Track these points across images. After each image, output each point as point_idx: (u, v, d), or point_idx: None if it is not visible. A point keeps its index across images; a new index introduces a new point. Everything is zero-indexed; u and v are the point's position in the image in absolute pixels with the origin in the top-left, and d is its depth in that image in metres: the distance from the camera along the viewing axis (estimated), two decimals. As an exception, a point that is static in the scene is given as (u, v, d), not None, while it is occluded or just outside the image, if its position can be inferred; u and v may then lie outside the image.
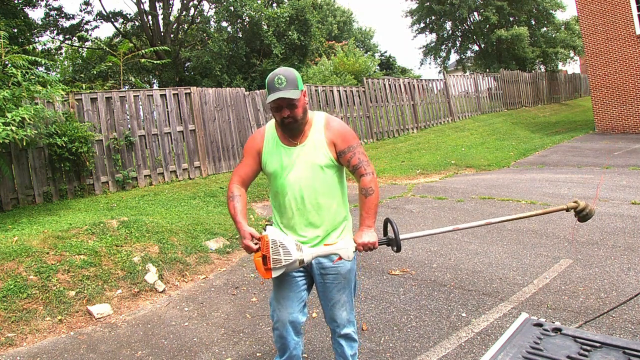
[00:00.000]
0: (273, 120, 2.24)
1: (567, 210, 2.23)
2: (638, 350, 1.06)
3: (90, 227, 4.82)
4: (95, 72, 14.48)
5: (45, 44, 14.30)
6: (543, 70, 24.15)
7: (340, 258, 2.06)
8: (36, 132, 6.32)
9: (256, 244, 2.00)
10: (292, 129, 2.11)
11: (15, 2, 15.41)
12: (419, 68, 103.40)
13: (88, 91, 8.31)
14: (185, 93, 9.05)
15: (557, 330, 1.20)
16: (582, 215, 2.21)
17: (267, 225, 2.10)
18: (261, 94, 10.96)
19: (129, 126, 8.34)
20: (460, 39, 26.65)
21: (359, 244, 2.04)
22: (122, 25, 20.46)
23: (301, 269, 2.22)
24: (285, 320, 2.21)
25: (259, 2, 18.05)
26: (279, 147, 2.17)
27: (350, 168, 2.17)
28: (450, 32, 26.67)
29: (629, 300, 3.09)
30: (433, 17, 25.67)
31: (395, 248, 2.07)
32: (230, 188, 2.21)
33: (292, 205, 2.15)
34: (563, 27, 24.19)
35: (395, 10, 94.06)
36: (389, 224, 2.12)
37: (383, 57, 30.70)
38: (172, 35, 19.47)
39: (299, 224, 2.16)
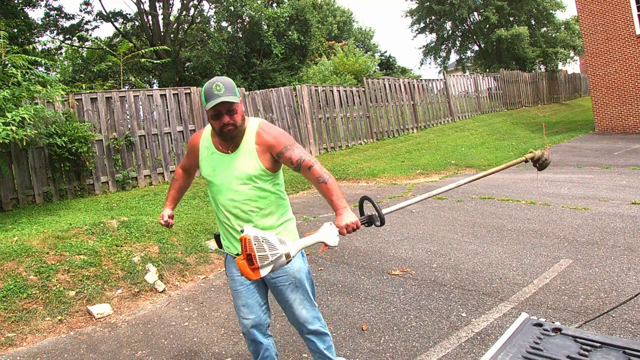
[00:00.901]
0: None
1: (526, 161, 2.37)
2: (638, 350, 1.06)
3: (90, 227, 4.82)
4: (95, 72, 14.47)
5: (45, 44, 14.29)
6: (543, 70, 24.15)
7: (326, 246, 1.98)
8: (36, 132, 6.32)
9: (237, 254, 1.93)
10: (232, 137, 2.09)
11: (15, 2, 15.39)
12: (419, 68, 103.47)
13: (88, 91, 8.31)
14: (185, 93, 9.05)
15: (557, 330, 1.20)
16: (540, 163, 2.35)
17: (243, 227, 1.99)
18: (261, 94, 10.96)
19: (129, 126, 8.34)
20: (460, 39, 26.63)
21: (342, 227, 1.98)
22: (122, 25, 20.44)
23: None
24: (249, 325, 2.29)
25: (259, 2, 18.03)
26: (213, 153, 2.19)
27: (294, 165, 2.13)
28: (450, 32, 26.65)
29: (629, 300, 3.09)
30: (433, 17, 25.65)
31: (378, 223, 2.03)
32: (176, 171, 2.54)
33: (224, 210, 2.18)
34: (563, 27, 24.17)
35: (395, 10, 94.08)
36: (365, 202, 2.10)
37: (383, 57, 30.68)
38: (172, 35, 19.46)
39: (234, 226, 2.16)
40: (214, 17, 19.15)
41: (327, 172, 2.12)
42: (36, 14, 68.73)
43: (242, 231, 1.91)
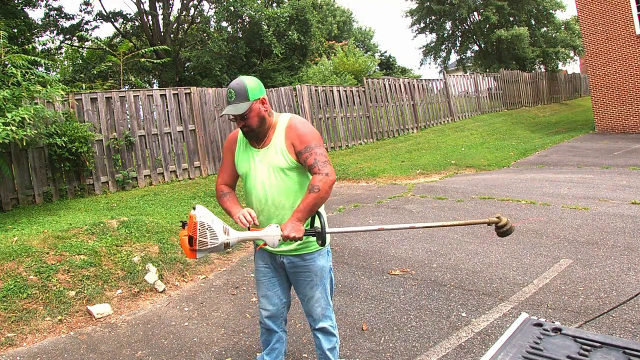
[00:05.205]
0: None
1: (489, 224, 2.20)
2: (638, 350, 1.06)
3: (90, 227, 4.82)
4: (95, 72, 14.47)
5: (45, 44, 14.29)
6: (543, 70, 24.15)
7: (265, 244, 2.12)
8: (36, 132, 6.31)
9: (184, 223, 2.05)
10: (251, 137, 2.24)
11: (15, 2, 15.39)
12: (419, 68, 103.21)
13: (88, 91, 8.31)
14: (185, 93, 9.05)
15: (557, 330, 1.20)
16: (502, 231, 2.19)
17: (196, 205, 2.10)
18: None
19: (129, 126, 8.34)
20: (460, 39, 26.63)
21: (284, 234, 2.07)
22: (122, 25, 20.42)
23: (273, 267, 2.37)
24: (264, 315, 2.42)
25: (259, 2, 18.04)
26: (248, 149, 2.30)
27: (307, 168, 2.20)
28: (450, 32, 26.65)
29: (629, 300, 3.09)
30: (433, 17, 25.65)
31: (320, 242, 2.13)
32: (218, 188, 2.39)
33: (256, 205, 2.26)
34: (563, 27, 24.18)
35: (395, 10, 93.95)
36: (317, 216, 2.17)
37: (383, 57, 30.69)
38: (172, 35, 19.45)
39: (263, 222, 2.26)
40: (214, 17, 19.14)
41: (323, 187, 2.08)
42: (36, 14, 68.72)
43: (194, 208, 2.01)
